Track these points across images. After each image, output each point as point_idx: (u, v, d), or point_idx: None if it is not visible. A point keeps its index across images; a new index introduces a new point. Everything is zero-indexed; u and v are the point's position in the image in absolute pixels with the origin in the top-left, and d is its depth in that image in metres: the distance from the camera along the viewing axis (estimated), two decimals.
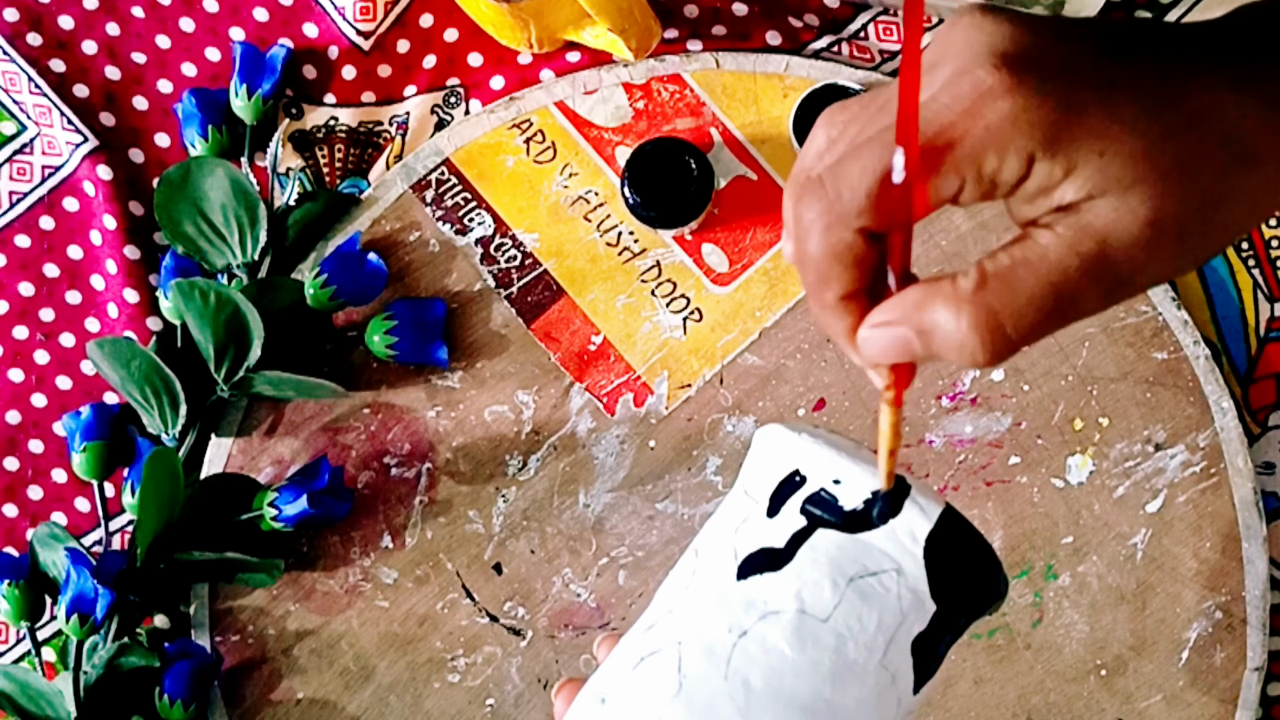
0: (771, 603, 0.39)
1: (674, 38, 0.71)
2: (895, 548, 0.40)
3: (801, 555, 0.40)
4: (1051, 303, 0.36)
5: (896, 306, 0.37)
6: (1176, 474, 0.69)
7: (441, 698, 0.70)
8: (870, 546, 0.40)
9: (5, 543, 0.72)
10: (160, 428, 0.69)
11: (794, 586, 0.39)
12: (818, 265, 0.38)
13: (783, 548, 0.40)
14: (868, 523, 0.40)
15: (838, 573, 0.39)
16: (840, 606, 0.39)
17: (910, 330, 0.37)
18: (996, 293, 0.36)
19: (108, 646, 0.67)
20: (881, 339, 0.37)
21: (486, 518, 0.70)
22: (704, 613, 0.40)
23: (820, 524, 0.40)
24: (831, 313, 0.38)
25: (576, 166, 0.70)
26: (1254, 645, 0.68)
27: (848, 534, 0.40)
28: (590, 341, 0.70)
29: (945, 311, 0.36)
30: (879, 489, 0.40)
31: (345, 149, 0.72)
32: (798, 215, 0.38)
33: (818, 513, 0.40)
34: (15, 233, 0.72)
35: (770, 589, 0.39)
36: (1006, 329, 0.36)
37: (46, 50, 0.72)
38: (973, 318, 0.36)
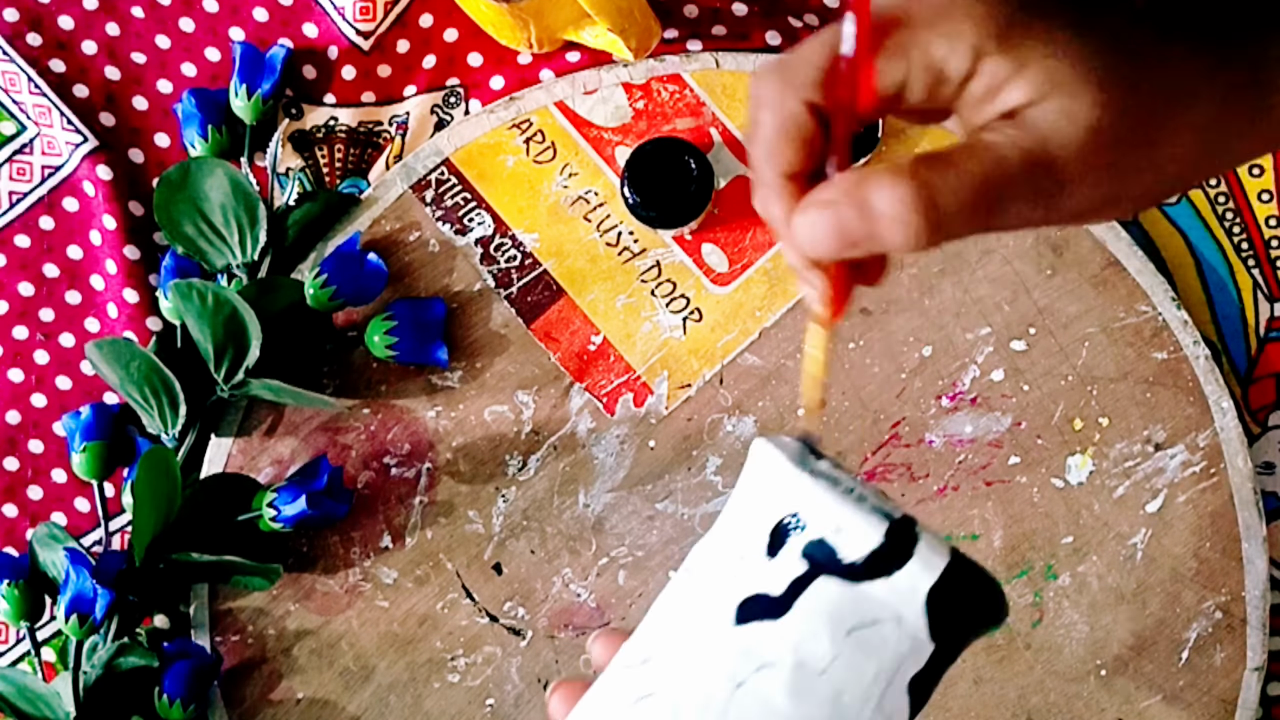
0: (769, 654, 0.39)
1: (674, 38, 0.71)
2: (896, 598, 0.39)
3: (800, 605, 0.39)
4: (986, 187, 0.36)
5: (834, 185, 0.37)
6: (1176, 474, 0.69)
7: (441, 698, 0.70)
8: (870, 597, 0.39)
9: (5, 543, 0.72)
10: (160, 428, 0.69)
11: (792, 638, 0.39)
12: (765, 139, 0.38)
13: (782, 595, 0.39)
14: (869, 574, 0.39)
15: (836, 624, 0.39)
16: (838, 659, 0.39)
17: (849, 208, 0.37)
18: (935, 169, 0.36)
19: (107, 646, 0.67)
20: (819, 221, 0.37)
21: (486, 518, 0.70)
22: (701, 657, 0.39)
23: (820, 571, 0.39)
24: (772, 192, 0.39)
25: (576, 166, 0.70)
26: (1254, 645, 0.68)
27: (848, 583, 0.39)
28: (590, 341, 0.70)
29: (884, 183, 0.36)
30: (881, 543, 0.39)
31: (345, 149, 0.72)
32: (754, 91, 0.38)
33: (818, 559, 0.39)
34: (15, 233, 0.72)
35: (768, 638, 0.39)
36: (943, 203, 0.36)
37: (46, 50, 0.72)
38: (912, 188, 0.36)
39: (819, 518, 0.39)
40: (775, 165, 0.38)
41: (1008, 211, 0.37)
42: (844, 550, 0.39)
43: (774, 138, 0.38)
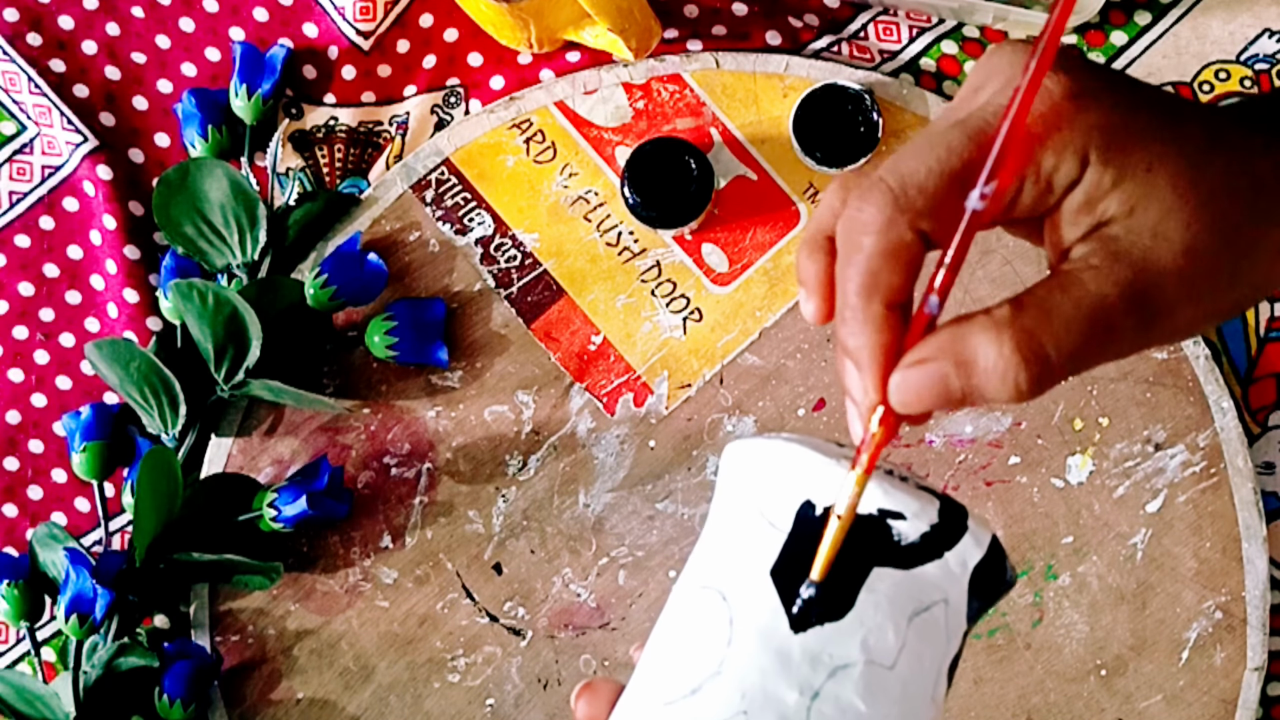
0: (838, 655, 0.37)
1: (674, 38, 0.71)
2: (945, 578, 0.38)
3: (862, 599, 0.37)
4: (1089, 328, 0.35)
5: (931, 344, 0.36)
6: (1176, 474, 0.69)
7: (441, 698, 0.70)
8: (922, 579, 0.37)
9: (5, 543, 0.72)
10: (160, 428, 0.69)
11: (859, 635, 0.37)
12: (868, 266, 0.36)
13: (840, 592, 0.37)
14: (925, 556, 0.37)
15: (898, 613, 0.37)
16: (904, 650, 0.37)
17: (949, 364, 0.35)
18: (1035, 318, 0.35)
19: (107, 646, 0.67)
20: (919, 378, 0.36)
21: (486, 518, 0.70)
22: (765, 673, 0.37)
23: (875, 562, 0.37)
24: (871, 325, 0.37)
25: (576, 166, 0.70)
26: (1254, 645, 0.68)
27: (902, 570, 0.37)
28: (590, 341, 0.70)
29: (985, 339, 0.35)
30: (934, 522, 0.37)
31: (345, 149, 0.72)
32: (855, 213, 0.36)
33: (871, 550, 0.37)
34: (15, 233, 0.72)
35: (834, 640, 0.37)
36: (1048, 353, 0.35)
37: (46, 50, 0.72)
38: (1014, 341, 0.35)
39: (865, 503, 0.38)
40: (878, 293, 0.36)
41: (1112, 346, 0.36)
42: (898, 532, 0.38)
43: (880, 266, 0.36)
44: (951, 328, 0.36)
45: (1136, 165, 0.36)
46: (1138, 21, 0.71)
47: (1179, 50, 0.70)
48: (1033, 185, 0.36)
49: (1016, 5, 0.67)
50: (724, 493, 0.41)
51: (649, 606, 0.69)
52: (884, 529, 0.37)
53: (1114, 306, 0.35)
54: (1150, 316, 0.36)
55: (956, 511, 0.38)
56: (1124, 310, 0.36)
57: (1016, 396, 0.36)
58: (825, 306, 0.39)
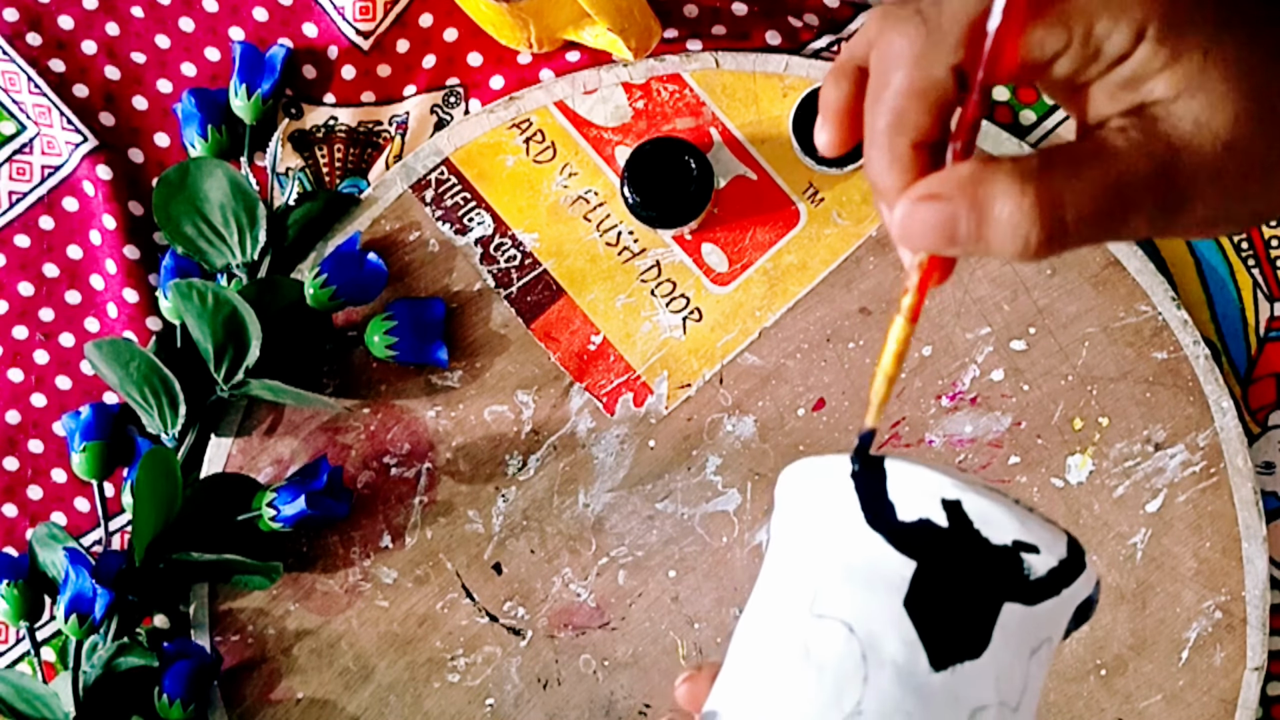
0: (975, 696, 0.35)
1: (674, 37, 0.71)
2: (1057, 614, 0.36)
3: (996, 637, 0.35)
4: (1113, 198, 0.34)
5: (949, 179, 0.34)
6: (1176, 474, 0.69)
7: (441, 697, 0.70)
8: (1041, 616, 0.36)
9: (5, 543, 0.72)
10: (160, 428, 0.69)
11: (992, 674, 0.35)
12: (897, 102, 0.35)
13: (977, 628, 0.35)
14: (1048, 593, 0.36)
15: (1023, 650, 0.36)
16: (1026, 690, 0.36)
17: (964, 206, 0.34)
18: (1064, 175, 0.34)
19: (107, 646, 0.67)
20: (927, 216, 0.34)
21: (486, 518, 0.70)
22: (908, 715, 0.35)
23: (1006, 597, 0.35)
24: (898, 164, 0.35)
25: (576, 166, 0.70)
26: (1254, 645, 0.68)
27: (1028, 606, 0.36)
28: (590, 341, 0.70)
29: (1008, 186, 0.33)
30: (1063, 556, 0.36)
31: (345, 149, 0.72)
32: (885, 44, 0.35)
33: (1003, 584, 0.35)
34: (15, 233, 0.72)
35: (972, 679, 0.35)
36: (1066, 215, 0.34)
37: (46, 50, 0.72)
38: (1037, 195, 0.33)
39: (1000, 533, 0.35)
40: (905, 132, 0.35)
41: (1127, 224, 0.35)
42: (1029, 567, 0.36)
43: (909, 102, 0.34)
44: (974, 166, 0.34)
45: (1192, 50, 0.34)
46: None
47: None
48: (1080, 48, 0.34)
49: None
50: (802, 513, 0.38)
51: (649, 606, 0.69)
52: (1016, 562, 0.35)
53: (1142, 181, 0.34)
54: (1175, 201, 0.35)
55: (1077, 548, 0.36)
56: (1151, 187, 0.34)
57: (1023, 254, 0.34)
58: (840, 136, 0.37)
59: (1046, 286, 0.69)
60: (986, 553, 0.35)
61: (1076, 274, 0.69)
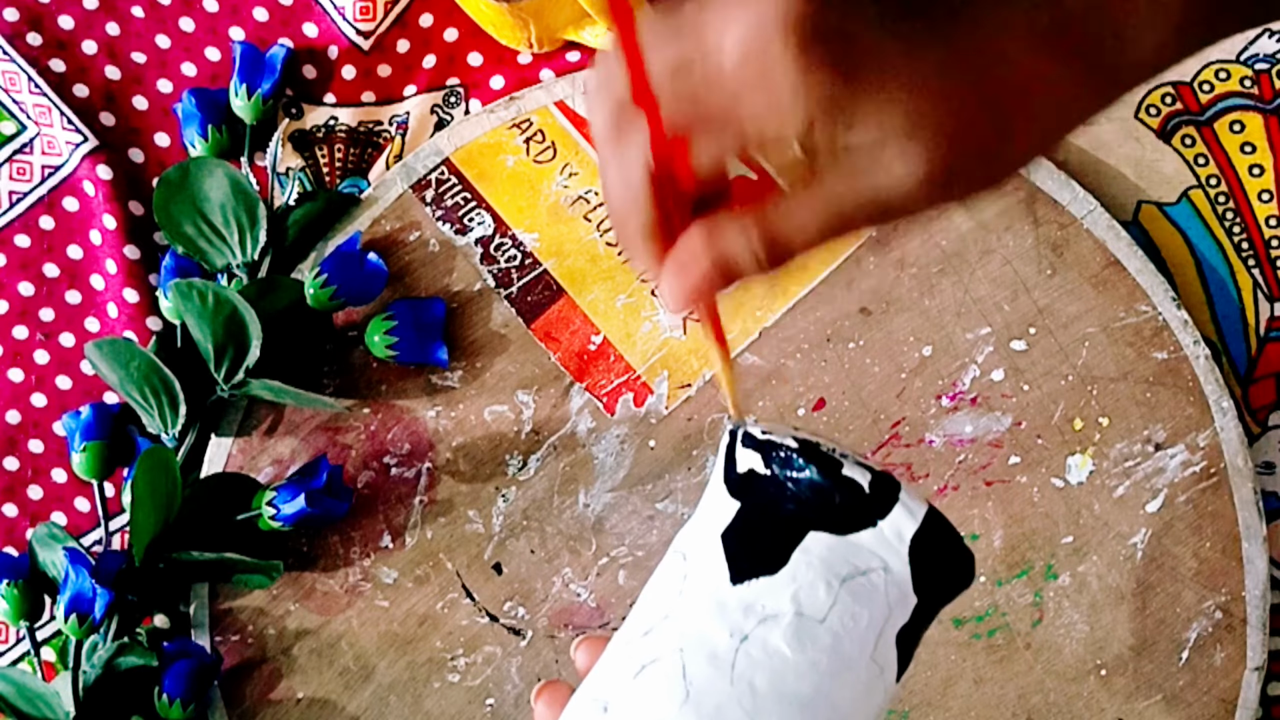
0: (769, 606, 0.40)
1: None
2: (882, 546, 0.41)
3: (795, 558, 0.41)
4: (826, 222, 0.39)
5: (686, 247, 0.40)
6: (1176, 474, 0.69)
7: (441, 697, 0.70)
8: (859, 546, 0.41)
9: (5, 543, 0.72)
10: (160, 428, 0.69)
11: (790, 589, 0.40)
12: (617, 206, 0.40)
13: (776, 550, 0.41)
14: (858, 524, 0.41)
15: (830, 574, 0.41)
16: (835, 607, 0.40)
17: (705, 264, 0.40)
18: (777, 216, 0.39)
19: (107, 646, 0.67)
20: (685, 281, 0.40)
21: (486, 517, 0.70)
22: (703, 618, 0.41)
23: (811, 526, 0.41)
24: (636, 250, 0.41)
25: (576, 166, 0.70)
26: (1254, 645, 0.68)
27: (837, 535, 0.41)
28: (590, 341, 0.70)
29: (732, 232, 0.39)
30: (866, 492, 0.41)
31: (345, 149, 0.72)
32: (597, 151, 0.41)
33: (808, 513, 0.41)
34: (15, 233, 0.72)
35: (767, 592, 0.40)
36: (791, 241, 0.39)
37: (46, 50, 0.72)
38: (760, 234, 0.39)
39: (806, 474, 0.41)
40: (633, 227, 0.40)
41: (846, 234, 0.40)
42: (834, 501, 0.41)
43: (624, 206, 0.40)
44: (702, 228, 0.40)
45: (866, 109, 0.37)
46: None
47: None
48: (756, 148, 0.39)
49: None
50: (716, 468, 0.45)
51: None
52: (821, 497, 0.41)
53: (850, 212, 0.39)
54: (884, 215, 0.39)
55: (888, 483, 0.41)
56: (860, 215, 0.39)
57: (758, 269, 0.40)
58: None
59: (1047, 287, 0.69)
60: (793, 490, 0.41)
61: (1077, 274, 0.69)
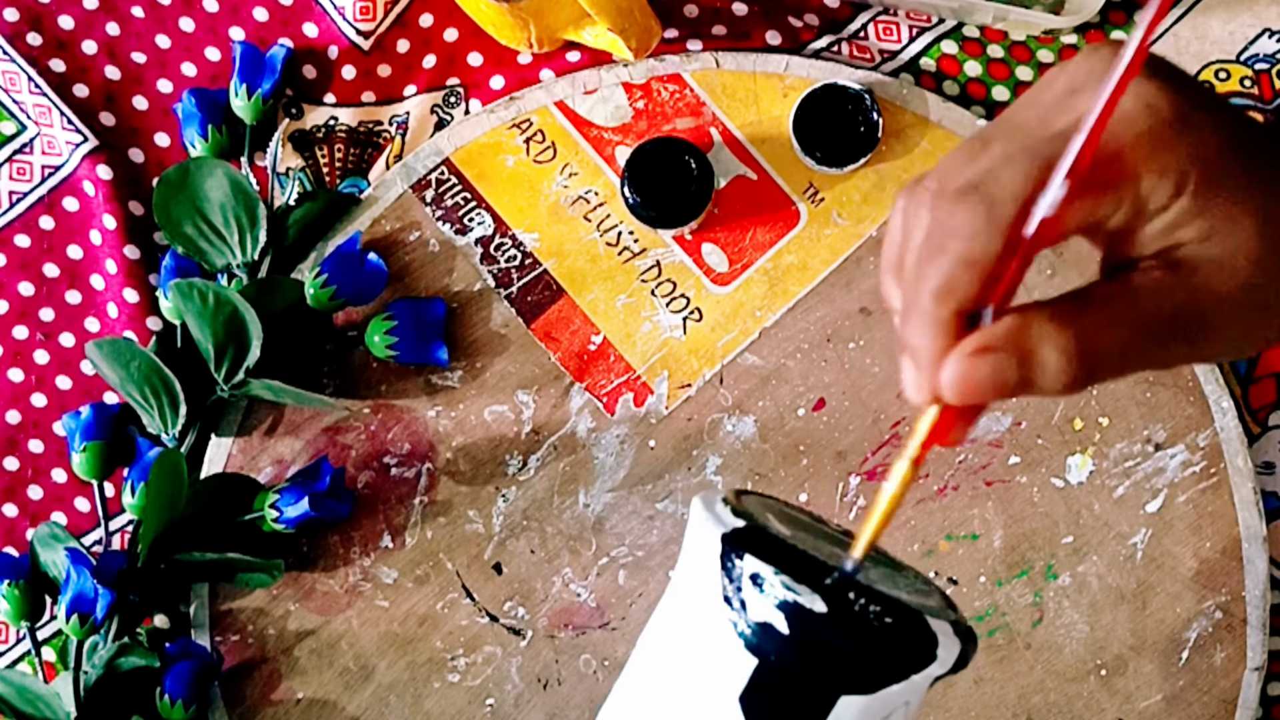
0: None
1: (674, 37, 0.71)
2: (909, 690, 0.37)
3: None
4: (1144, 337, 0.36)
5: (995, 332, 0.36)
6: (1176, 474, 0.69)
7: (441, 697, 0.70)
8: (888, 698, 0.37)
9: (5, 543, 0.72)
10: (160, 428, 0.69)
11: None
12: (951, 271, 0.36)
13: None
14: (890, 679, 0.37)
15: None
16: None
17: (1010, 355, 0.36)
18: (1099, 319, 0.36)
19: (108, 646, 0.67)
20: (980, 367, 0.36)
21: (486, 518, 0.70)
22: None
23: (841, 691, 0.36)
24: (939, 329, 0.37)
25: (576, 166, 0.70)
26: (1254, 645, 0.68)
27: (868, 695, 0.36)
28: (590, 341, 0.70)
29: (1049, 332, 0.36)
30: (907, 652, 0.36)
31: (345, 149, 0.72)
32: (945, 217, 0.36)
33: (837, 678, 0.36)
34: (15, 233, 0.72)
35: None
36: (1101, 353, 0.36)
37: (46, 50, 0.72)
38: (1077, 340, 0.36)
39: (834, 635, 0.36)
40: (950, 300, 0.37)
41: (1157, 358, 0.37)
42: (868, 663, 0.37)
43: (961, 273, 0.36)
44: (1017, 319, 0.36)
45: (1223, 199, 0.36)
46: (1138, 21, 0.70)
47: (1179, 50, 0.70)
48: (1128, 205, 0.36)
49: (1017, 5, 0.67)
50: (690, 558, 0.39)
51: (649, 606, 0.69)
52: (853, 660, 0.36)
53: (1169, 321, 0.36)
54: (1199, 336, 0.37)
55: (927, 637, 0.37)
56: (1175, 327, 0.37)
57: (1066, 390, 0.36)
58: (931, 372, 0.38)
59: (1047, 288, 0.69)
60: (822, 654, 0.36)
61: (1077, 274, 0.69)
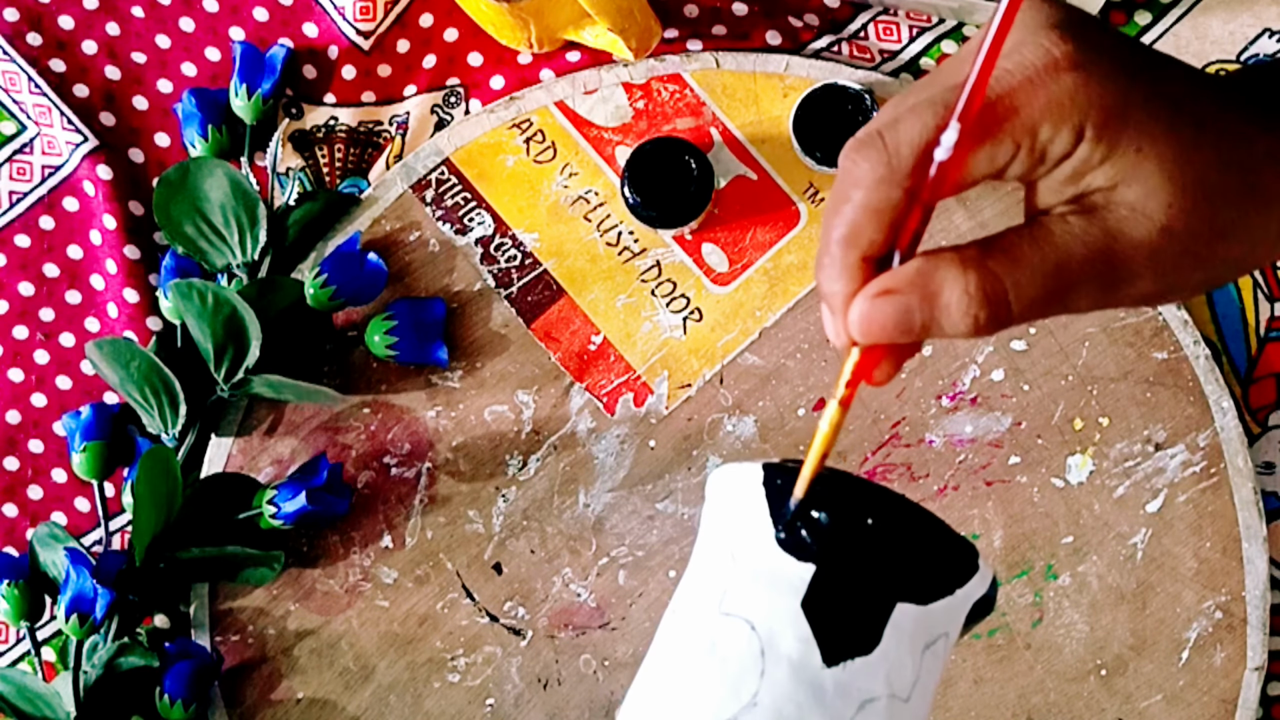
0: (865, 689, 0.37)
1: (674, 37, 0.71)
2: (951, 612, 0.39)
3: (888, 635, 0.38)
4: (1051, 282, 0.37)
5: (901, 275, 0.37)
6: (1176, 474, 0.69)
7: (441, 698, 0.70)
8: (935, 614, 0.38)
9: (5, 543, 0.72)
10: (160, 428, 0.69)
11: (883, 669, 0.38)
12: (854, 218, 0.38)
13: (869, 627, 0.38)
14: (941, 592, 0.38)
15: (915, 646, 0.38)
16: (917, 683, 0.38)
17: (915, 297, 0.37)
18: (1002, 262, 0.37)
19: (108, 646, 0.67)
20: (883, 308, 0.37)
21: (486, 517, 0.70)
22: (799, 706, 0.37)
23: (897, 597, 0.38)
24: (845, 273, 0.38)
25: (576, 166, 0.70)
26: (1254, 645, 0.68)
27: (921, 606, 0.38)
28: (590, 341, 0.70)
29: (952, 274, 0.37)
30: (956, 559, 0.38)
31: (345, 149, 0.72)
32: (850, 166, 0.38)
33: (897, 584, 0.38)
34: (15, 233, 0.72)
35: (863, 674, 0.37)
36: (1009, 297, 0.37)
37: (46, 50, 0.72)
38: (979, 281, 0.36)
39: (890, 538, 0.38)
40: (856, 246, 0.38)
41: (1068, 302, 0.37)
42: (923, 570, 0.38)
43: (863, 219, 0.38)
44: (920, 262, 0.37)
45: (1128, 144, 0.36)
46: (1138, 21, 0.71)
47: (1179, 50, 0.70)
48: (1027, 155, 0.37)
49: None
50: (722, 517, 0.41)
51: (649, 606, 0.69)
52: (909, 565, 0.38)
53: (1078, 266, 0.37)
54: (1112, 282, 0.37)
55: (970, 550, 0.39)
56: (1087, 272, 0.37)
57: (971, 334, 0.37)
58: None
59: None
60: (880, 557, 0.38)
61: None
